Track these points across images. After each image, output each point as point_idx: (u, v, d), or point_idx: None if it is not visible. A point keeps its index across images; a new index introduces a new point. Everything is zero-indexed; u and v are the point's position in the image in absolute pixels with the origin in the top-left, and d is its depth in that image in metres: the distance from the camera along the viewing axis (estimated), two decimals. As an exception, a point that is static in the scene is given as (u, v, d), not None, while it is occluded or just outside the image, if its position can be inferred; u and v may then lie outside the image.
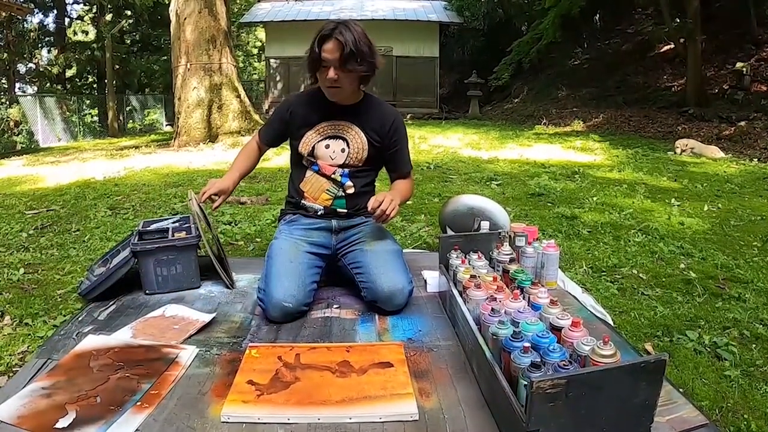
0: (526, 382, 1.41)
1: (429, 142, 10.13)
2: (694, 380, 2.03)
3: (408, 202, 5.00)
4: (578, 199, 5.20)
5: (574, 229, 4.09)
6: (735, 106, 11.30)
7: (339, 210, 2.47)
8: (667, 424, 1.52)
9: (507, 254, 2.30)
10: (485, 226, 2.73)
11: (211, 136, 9.66)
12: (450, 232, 3.06)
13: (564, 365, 1.43)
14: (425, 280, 2.57)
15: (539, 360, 1.46)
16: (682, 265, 3.27)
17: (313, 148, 2.44)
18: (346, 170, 2.45)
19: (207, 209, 2.63)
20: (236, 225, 4.10)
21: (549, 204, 5.05)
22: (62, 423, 1.53)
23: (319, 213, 2.47)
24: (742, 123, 9.89)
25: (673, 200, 5.00)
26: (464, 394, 1.69)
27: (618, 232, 4.00)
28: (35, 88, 21.60)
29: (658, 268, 3.23)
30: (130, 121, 21.55)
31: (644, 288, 2.95)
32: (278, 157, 7.08)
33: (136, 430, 1.52)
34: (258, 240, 3.74)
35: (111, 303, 2.40)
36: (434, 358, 1.92)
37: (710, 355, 2.23)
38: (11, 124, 16.58)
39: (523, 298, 1.90)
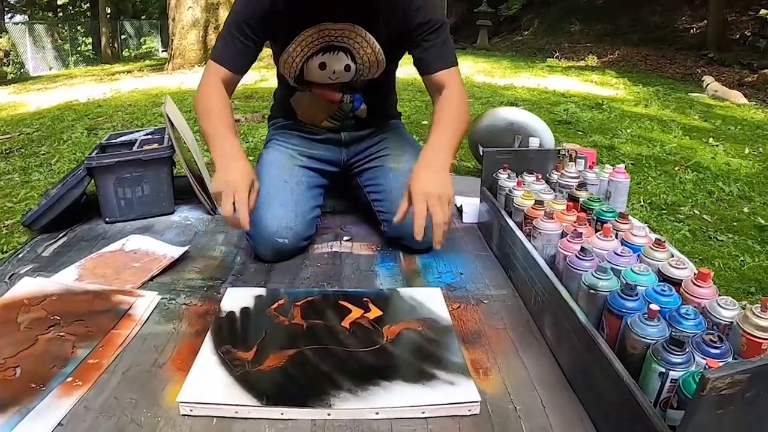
0: (662, 369, 0.89)
1: (439, 68, 9.54)
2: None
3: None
4: (610, 129, 4.82)
5: (616, 160, 3.68)
6: (757, 53, 10.83)
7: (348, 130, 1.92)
8: None
9: (573, 177, 1.74)
10: (534, 143, 2.16)
11: (207, 58, 8.98)
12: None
13: (712, 342, 0.91)
14: (458, 208, 2.05)
15: (677, 333, 0.94)
16: (745, 209, 2.94)
17: (301, 70, 1.74)
18: (358, 94, 1.82)
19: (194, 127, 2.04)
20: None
21: (579, 132, 4.67)
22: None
23: (321, 136, 1.92)
24: (766, 71, 9.39)
25: (710, 140, 4.63)
26: (537, 368, 1.17)
27: (664, 167, 3.68)
28: (26, 18, 20.68)
29: (721, 210, 2.90)
30: (126, 49, 20.71)
31: (713, 231, 2.59)
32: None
33: (58, 424, 1.00)
34: (251, 158, 3.19)
35: (61, 235, 1.88)
36: (486, 313, 1.39)
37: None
38: (0, 54, 15.94)
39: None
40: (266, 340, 1.21)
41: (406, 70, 2.17)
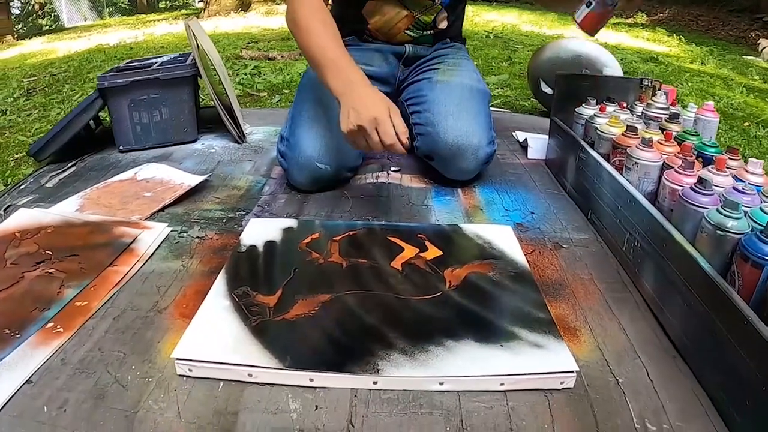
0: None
1: (483, 17, 9.19)
2: None
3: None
4: (669, 81, 4.53)
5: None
6: (814, 21, 10.31)
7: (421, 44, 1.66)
8: None
9: (662, 107, 1.46)
10: (610, 74, 1.86)
11: (244, 4, 8.75)
12: (546, 89, 2.22)
13: None
14: (521, 143, 1.79)
15: None
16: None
17: None
18: None
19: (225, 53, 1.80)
20: (260, 76, 3.32)
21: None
22: None
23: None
24: (823, 38, 8.90)
25: (775, 101, 4.33)
26: (635, 330, 0.92)
27: (732, 121, 3.36)
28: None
29: (802, 169, 2.62)
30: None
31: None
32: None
33: (27, 381, 0.78)
34: (286, 92, 2.96)
35: (69, 165, 1.66)
36: (567, 260, 1.13)
37: None
38: (36, 6, 15.87)
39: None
40: (295, 282, 0.97)
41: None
